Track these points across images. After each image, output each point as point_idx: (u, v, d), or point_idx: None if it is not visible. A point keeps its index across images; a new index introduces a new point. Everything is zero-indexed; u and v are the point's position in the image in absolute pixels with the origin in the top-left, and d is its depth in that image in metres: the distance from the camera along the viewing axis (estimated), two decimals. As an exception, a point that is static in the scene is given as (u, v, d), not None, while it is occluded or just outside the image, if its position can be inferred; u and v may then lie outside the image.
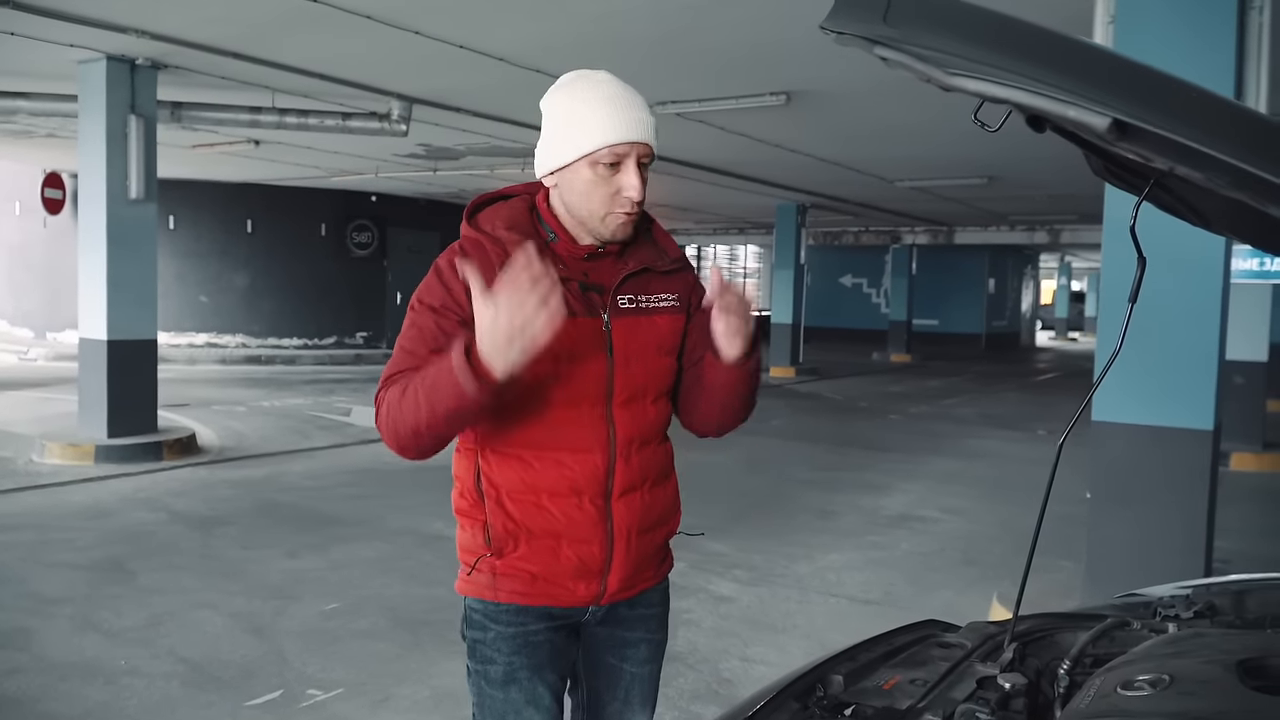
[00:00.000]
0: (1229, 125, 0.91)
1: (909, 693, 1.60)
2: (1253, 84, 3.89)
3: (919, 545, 6.16)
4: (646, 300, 1.82)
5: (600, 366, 1.76)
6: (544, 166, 1.77)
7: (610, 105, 1.70)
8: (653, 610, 1.97)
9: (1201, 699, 1.35)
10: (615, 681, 1.95)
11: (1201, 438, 3.89)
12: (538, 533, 1.78)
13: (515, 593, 1.81)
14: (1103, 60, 0.97)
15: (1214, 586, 2.02)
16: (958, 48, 0.94)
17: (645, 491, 1.83)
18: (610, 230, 1.75)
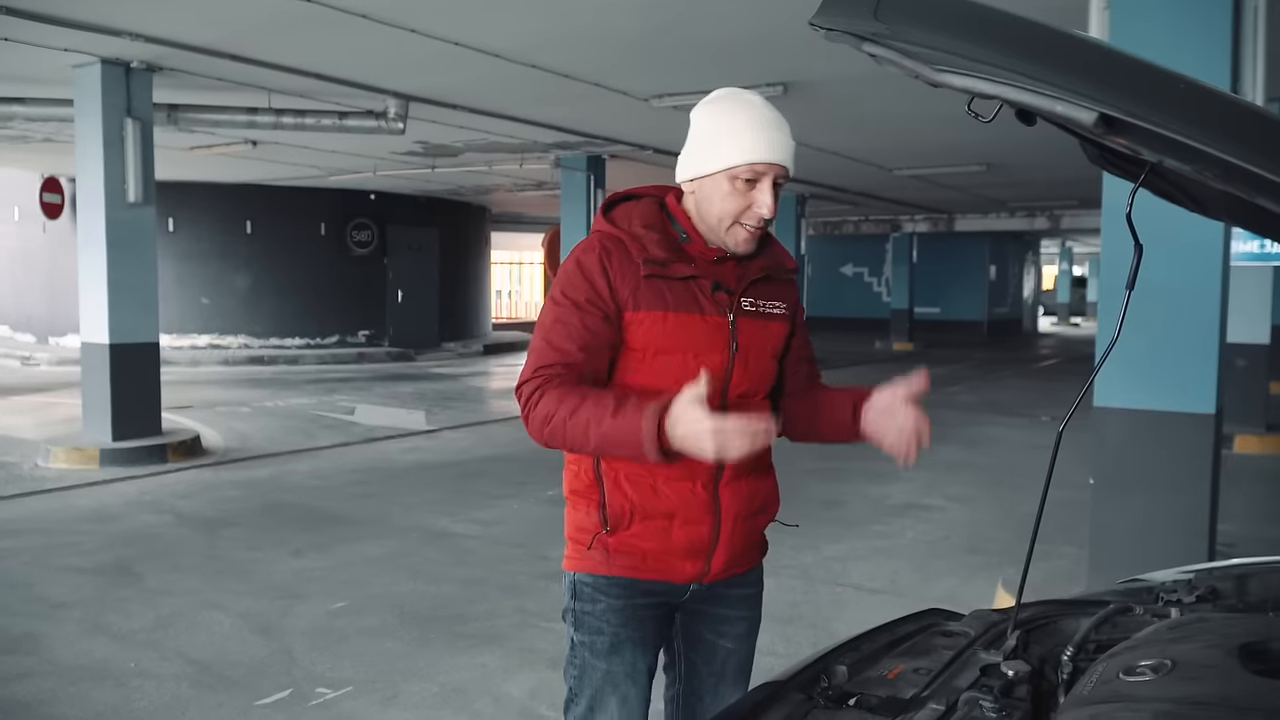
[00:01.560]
0: (1218, 118, 0.91)
1: (913, 682, 1.61)
2: (1249, 69, 3.88)
3: (924, 533, 6.18)
4: (764, 305, 1.95)
5: (723, 361, 1.88)
6: (687, 172, 1.89)
7: (758, 126, 1.82)
8: (750, 590, 2.08)
9: (1203, 683, 1.36)
10: (711, 656, 2.06)
11: (1203, 421, 3.89)
12: (652, 513, 1.90)
13: (627, 567, 1.92)
14: (1091, 53, 0.97)
15: (1216, 571, 2.03)
16: (946, 43, 0.94)
17: (750, 480, 1.96)
18: (734, 241, 1.88)
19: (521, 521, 6.31)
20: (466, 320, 21.34)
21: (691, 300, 1.85)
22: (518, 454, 8.53)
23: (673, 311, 1.84)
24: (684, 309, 1.85)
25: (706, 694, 2.05)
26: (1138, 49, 3.53)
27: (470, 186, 18.10)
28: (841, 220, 25.36)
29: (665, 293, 1.84)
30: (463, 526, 6.25)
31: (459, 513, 6.61)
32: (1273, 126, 0.93)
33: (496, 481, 7.44)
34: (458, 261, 20.88)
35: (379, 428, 10.32)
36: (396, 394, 13.12)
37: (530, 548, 5.66)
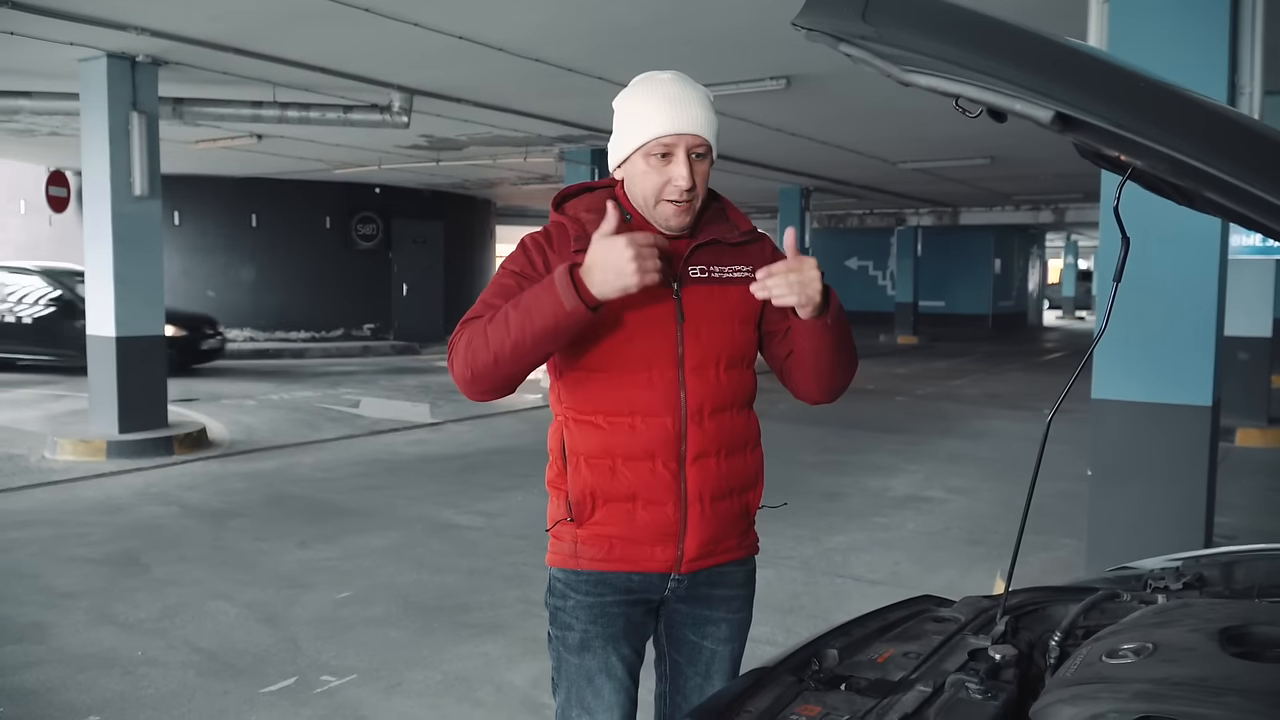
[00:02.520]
0: (1175, 116, 0.94)
1: (902, 665, 1.65)
2: (1246, 64, 3.90)
3: (924, 525, 6.21)
4: (720, 271, 1.90)
5: (670, 332, 1.85)
6: (612, 161, 1.91)
7: (661, 101, 1.82)
8: (735, 591, 2.02)
9: (1182, 665, 1.39)
10: (696, 657, 2.01)
11: (1200, 414, 3.91)
12: (614, 496, 1.87)
13: (595, 559, 1.90)
14: (1056, 54, 1.00)
15: (1204, 559, 2.06)
16: (927, 46, 0.97)
17: (721, 458, 1.91)
18: (663, 218, 1.86)
19: (525, 513, 6.35)
20: (471, 314, 21.41)
21: None
22: (522, 446, 8.57)
23: None
24: None
25: (693, 693, 2.01)
26: (1136, 45, 3.56)
27: (475, 180, 18.13)
28: (846, 213, 25.35)
29: None
30: (466, 518, 6.30)
31: (463, 504, 6.65)
32: (1231, 125, 0.96)
33: (500, 474, 7.48)
34: (462, 255, 20.92)
35: (383, 420, 10.37)
36: (401, 387, 13.17)
37: (533, 539, 5.71)
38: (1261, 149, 0.98)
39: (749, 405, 1.98)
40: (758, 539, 2.08)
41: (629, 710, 1.95)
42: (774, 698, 1.52)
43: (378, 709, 3.55)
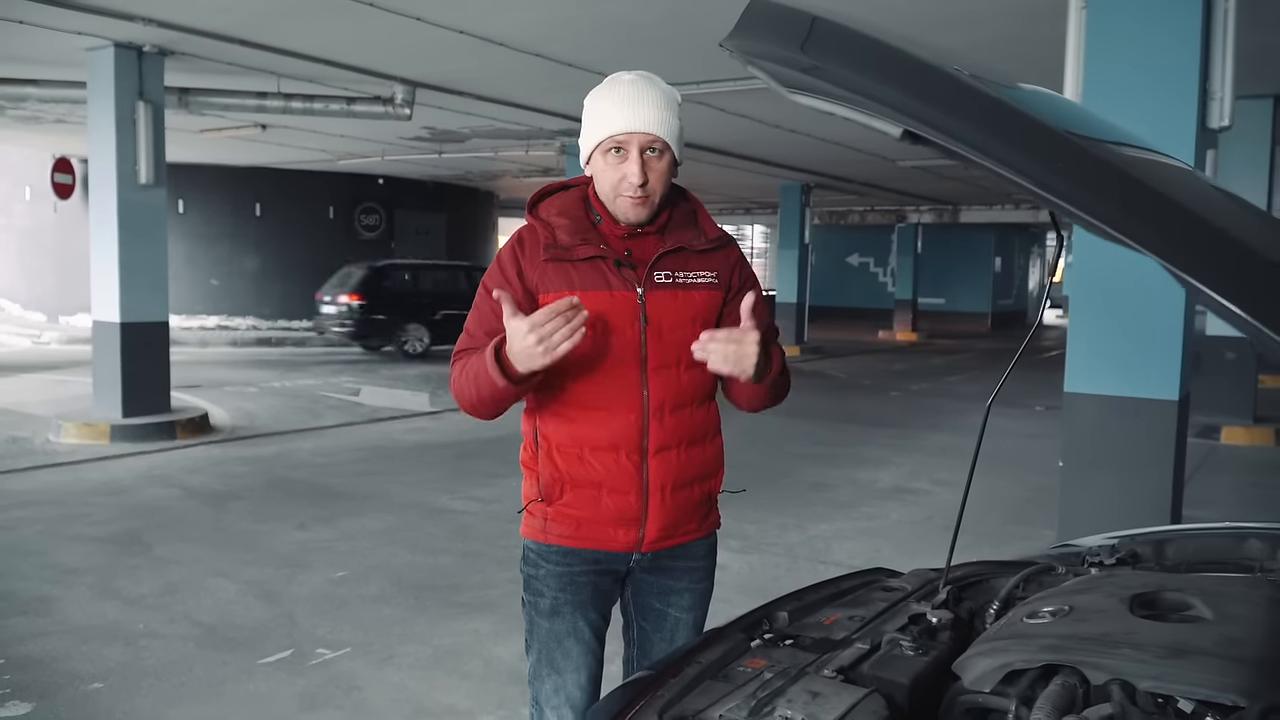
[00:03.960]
0: (1012, 137, 1.07)
1: (846, 627, 1.79)
2: (1218, 68, 4.02)
3: (908, 515, 6.35)
4: (684, 276, 2.01)
5: (634, 335, 1.96)
6: (581, 159, 2.02)
7: (618, 101, 1.92)
8: (697, 562, 2.16)
9: (1091, 624, 1.53)
10: (661, 624, 2.15)
11: (1168, 408, 4.05)
12: (581, 482, 2.01)
13: (563, 536, 2.05)
14: (920, 75, 1.14)
15: (1138, 537, 2.20)
16: (846, 78, 1.11)
17: (681, 450, 2.03)
18: (621, 212, 1.96)
19: (519, 499, 6.43)
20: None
21: (599, 277, 1.94)
22: (518, 435, 8.67)
23: (579, 291, 1.91)
24: (591, 286, 1.93)
25: (656, 655, 2.13)
26: (1112, 52, 3.69)
27: (478, 172, 18.25)
28: (847, 210, 25.43)
29: (571, 273, 1.94)
30: (462, 503, 6.44)
31: (459, 490, 6.79)
32: (1069, 146, 1.10)
33: (496, 461, 7.63)
34: (465, 247, 21.05)
35: (383, 409, 10.52)
36: (401, 376, 13.31)
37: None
38: (1105, 175, 1.12)
39: (710, 399, 2.11)
40: (719, 517, 2.21)
41: (595, 670, 2.10)
42: (724, 651, 1.66)
43: (370, 680, 3.69)
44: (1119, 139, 1.56)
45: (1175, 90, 4.01)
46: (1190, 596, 1.64)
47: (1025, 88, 1.57)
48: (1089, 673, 1.39)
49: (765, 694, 1.47)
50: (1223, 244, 1.17)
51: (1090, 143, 1.27)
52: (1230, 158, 9.31)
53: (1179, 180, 1.54)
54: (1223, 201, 1.62)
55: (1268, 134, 9.42)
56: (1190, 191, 1.46)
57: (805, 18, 1.26)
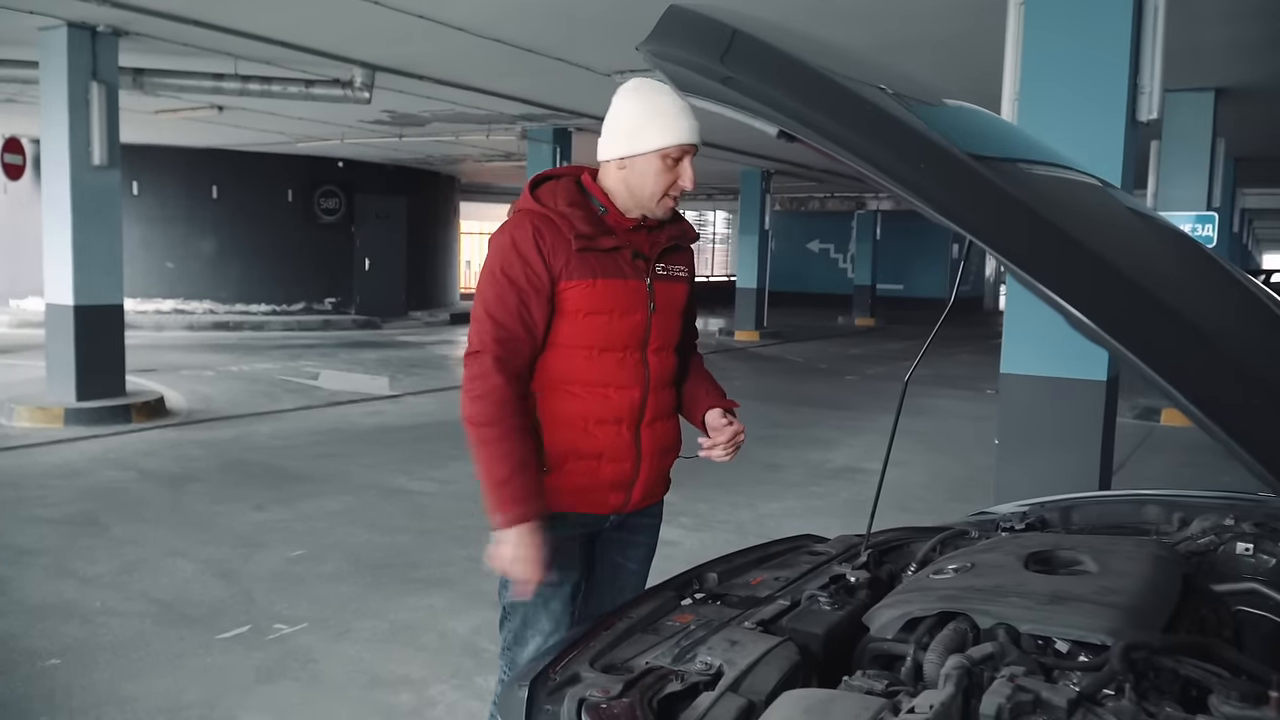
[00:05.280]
0: (878, 140, 1.20)
1: (771, 587, 1.92)
2: (1148, 64, 4.19)
3: (857, 494, 6.52)
4: (674, 269, 2.26)
5: (642, 319, 2.19)
6: (616, 151, 2.13)
7: (681, 112, 2.11)
8: (653, 520, 2.42)
9: (987, 578, 1.67)
10: (616, 575, 2.37)
11: (1097, 388, 4.23)
12: (585, 454, 2.19)
13: (557, 504, 2.19)
14: (806, 81, 1.26)
15: (1047, 504, 2.35)
16: (749, 87, 1.23)
17: (664, 421, 2.29)
18: (661, 210, 2.18)
19: (476, 480, 6.57)
20: (434, 289, 21.47)
21: (616, 267, 2.15)
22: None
23: (601, 278, 2.12)
24: (610, 275, 2.13)
25: (608, 605, 2.30)
26: (1047, 44, 3.84)
27: (439, 156, 18.20)
28: (808, 196, 25.64)
29: (594, 263, 2.12)
30: (419, 484, 6.52)
31: (416, 471, 6.87)
32: (934, 150, 1.22)
33: (454, 443, 7.69)
34: (426, 231, 20.98)
35: (342, 392, 10.53)
36: (361, 360, 13.31)
37: (481, 501, 5.94)
38: (957, 171, 1.26)
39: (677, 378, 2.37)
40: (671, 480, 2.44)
41: (570, 625, 2.27)
42: (654, 608, 1.78)
43: (327, 653, 3.78)
44: (1033, 157, 1.69)
45: (1107, 85, 4.18)
46: (1081, 554, 1.79)
47: (949, 104, 1.69)
48: (979, 619, 1.53)
49: (688, 643, 1.59)
50: (1093, 269, 1.30)
51: (983, 161, 1.39)
52: (1173, 149, 9.58)
53: (1075, 199, 1.68)
54: (1121, 221, 1.76)
55: (1209, 126, 9.69)
56: (1080, 211, 1.59)
57: (726, 30, 1.37)
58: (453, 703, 3.40)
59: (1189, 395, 1.17)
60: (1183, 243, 1.87)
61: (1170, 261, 1.68)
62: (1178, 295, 1.45)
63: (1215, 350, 1.31)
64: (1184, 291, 1.52)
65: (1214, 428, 1.15)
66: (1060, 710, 1.27)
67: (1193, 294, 1.55)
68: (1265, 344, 1.51)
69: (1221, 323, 1.48)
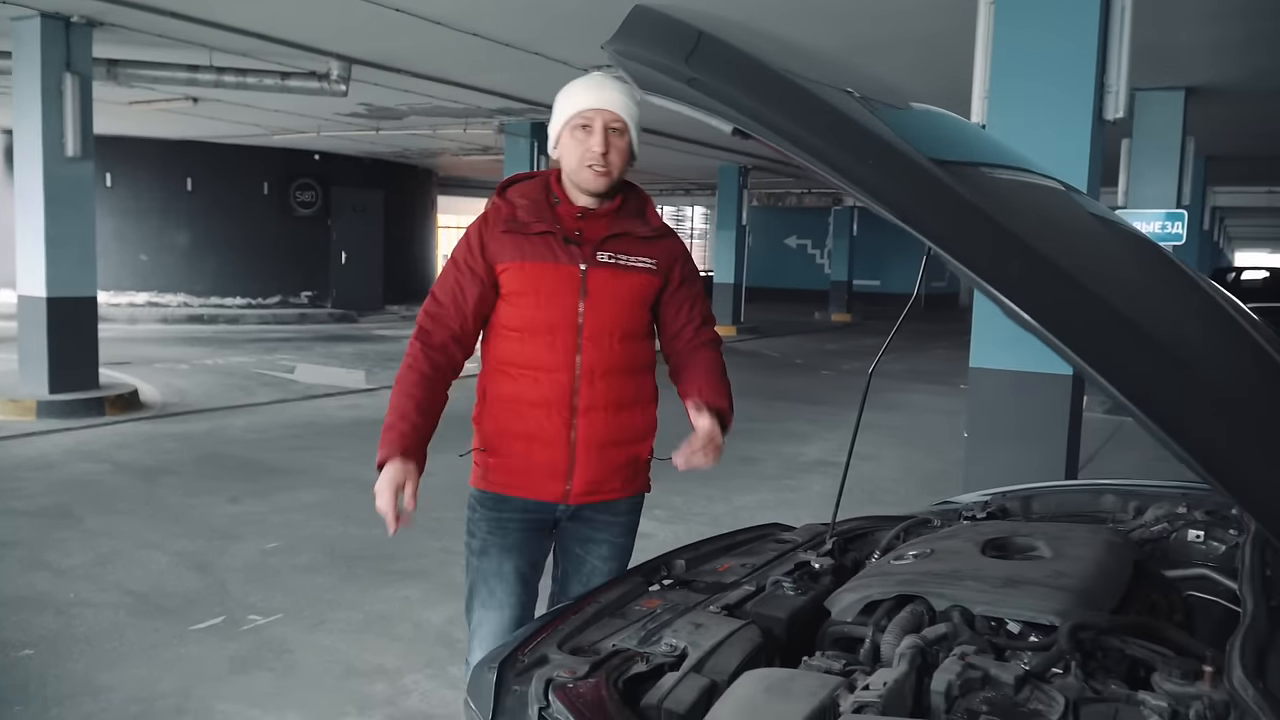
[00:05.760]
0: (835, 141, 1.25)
1: (738, 573, 1.97)
2: (1115, 63, 4.26)
3: (830, 487, 6.57)
4: (626, 259, 2.24)
5: (572, 304, 2.20)
6: (550, 146, 2.27)
7: (585, 85, 2.21)
8: (619, 518, 2.37)
9: (944, 563, 1.73)
10: (580, 569, 2.37)
11: (1062, 382, 4.30)
12: (518, 435, 2.26)
13: (498, 484, 2.30)
14: (768, 84, 1.30)
15: (1009, 493, 2.41)
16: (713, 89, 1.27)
17: (609, 413, 2.25)
18: (585, 182, 2.20)
19: (452, 473, 6.50)
20: (411, 283, 21.38)
21: (548, 251, 2.20)
22: (453, 412, 8.74)
23: (529, 261, 2.19)
24: (539, 259, 2.19)
25: (572, 597, 2.34)
26: (1017, 44, 3.91)
27: (416, 149, 18.14)
28: (785, 192, 25.75)
29: (524, 246, 2.20)
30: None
31: (392, 465, 6.87)
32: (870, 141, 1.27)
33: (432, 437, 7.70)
34: (403, 224, 20.91)
35: (318, 386, 10.51)
36: (337, 354, 13.27)
37: (459, 494, 5.94)
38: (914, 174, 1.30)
39: (641, 371, 2.32)
40: (648, 481, 2.42)
41: (518, 610, 2.31)
42: (622, 593, 1.83)
43: (301, 643, 3.80)
44: (996, 161, 1.74)
45: (1073, 83, 4.25)
46: (1037, 540, 1.84)
47: (915, 107, 1.74)
48: (935, 601, 1.58)
49: (654, 626, 1.64)
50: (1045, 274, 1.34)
51: (944, 165, 1.44)
52: (1143, 147, 9.70)
53: (1034, 203, 1.72)
54: (1080, 225, 1.80)
55: (1179, 125, 9.81)
56: (1038, 216, 1.63)
57: (692, 31, 1.42)
58: (427, 692, 3.43)
59: (1129, 394, 1.21)
60: (1142, 246, 1.92)
61: (1126, 265, 1.72)
62: (1130, 299, 1.48)
63: (1164, 355, 1.35)
64: (1137, 295, 1.56)
65: (1153, 427, 1.19)
66: (1008, 686, 1.32)
67: (1146, 298, 1.58)
68: (1217, 348, 1.56)
69: (1175, 328, 1.51)
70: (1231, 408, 1.36)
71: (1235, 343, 1.60)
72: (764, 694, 1.34)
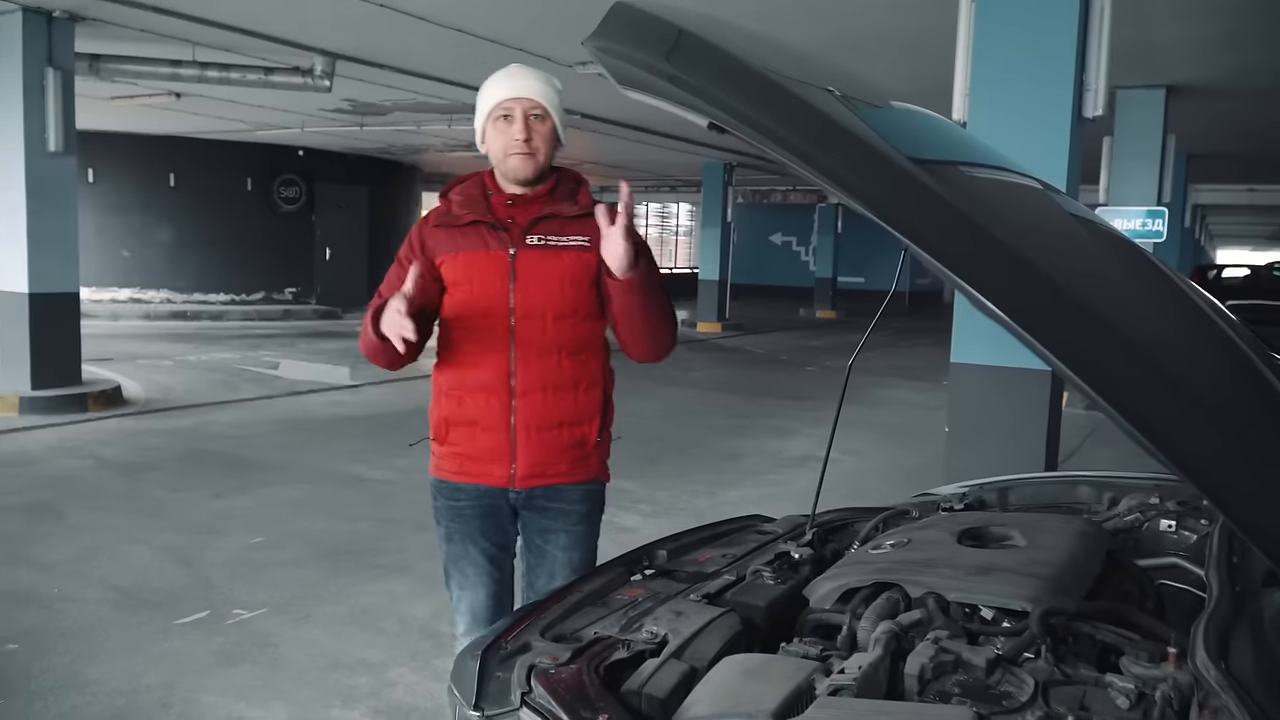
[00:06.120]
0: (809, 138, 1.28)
1: (718, 563, 2.00)
2: (1094, 62, 4.31)
3: (814, 482, 6.61)
4: (556, 240, 2.28)
5: (503, 288, 2.26)
6: (477, 139, 2.34)
7: (501, 78, 2.27)
8: (573, 506, 2.39)
9: (920, 552, 1.76)
10: (542, 560, 2.41)
11: (1042, 377, 4.36)
12: (462, 421, 2.33)
13: (451, 472, 2.38)
14: (747, 82, 1.33)
15: (985, 485, 2.45)
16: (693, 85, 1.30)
17: (548, 394, 2.29)
18: (512, 170, 2.26)
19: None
20: (395, 280, 21.33)
21: (479, 240, 2.28)
22: (421, 408, 8.77)
23: (461, 251, 2.28)
24: (471, 248, 2.28)
25: (539, 588, 2.41)
26: (998, 42, 3.96)
27: (400, 146, 18.09)
28: (770, 189, 25.80)
29: (457, 237, 2.29)
30: (380, 473, 6.54)
31: (377, 460, 6.88)
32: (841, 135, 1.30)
33: (415, 433, 7.59)
34: (387, 221, 20.81)
35: (302, 382, 10.49)
36: (322, 350, 13.24)
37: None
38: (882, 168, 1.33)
39: (583, 352, 2.32)
40: (601, 467, 2.43)
41: (493, 587, 2.39)
42: (604, 582, 1.85)
43: (286, 637, 3.81)
44: (974, 160, 1.77)
45: (1054, 83, 4.30)
46: (1012, 530, 1.88)
47: (896, 106, 1.77)
48: (910, 589, 1.62)
49: (635, 613, 1.67)
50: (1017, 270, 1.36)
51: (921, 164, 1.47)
52: (1125, 145, 9.78)
53: (1011, 201, 1.75)
54: (1056, 223, 1.83)
55: (1160, 123, 9.90)
56: (1014, 214, 1.66)
57: (672, 29, 1.44)
58: (412, 684, 3.45)
59: (1098, 390, 1.22)
60: (1119, 245, 1.95)
61: (1102, 263, 1.74)
62: (1104, 296, 1.49)
63: (1137, 351, 1.36)
64: (1111, 292, 1.57)
65: (1122, 421, 1.20)
66: (979, 669, 1.35)
67: (1121, 295, 1.59)
68: (1192, 345, 1.57)
69: (1149, 326, 1.52)
70: (1204, 403, 1.38)
71: (1208, 339, 1.62)
72: (742, 678, 1.37)
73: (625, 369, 2.51)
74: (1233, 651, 1.30)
